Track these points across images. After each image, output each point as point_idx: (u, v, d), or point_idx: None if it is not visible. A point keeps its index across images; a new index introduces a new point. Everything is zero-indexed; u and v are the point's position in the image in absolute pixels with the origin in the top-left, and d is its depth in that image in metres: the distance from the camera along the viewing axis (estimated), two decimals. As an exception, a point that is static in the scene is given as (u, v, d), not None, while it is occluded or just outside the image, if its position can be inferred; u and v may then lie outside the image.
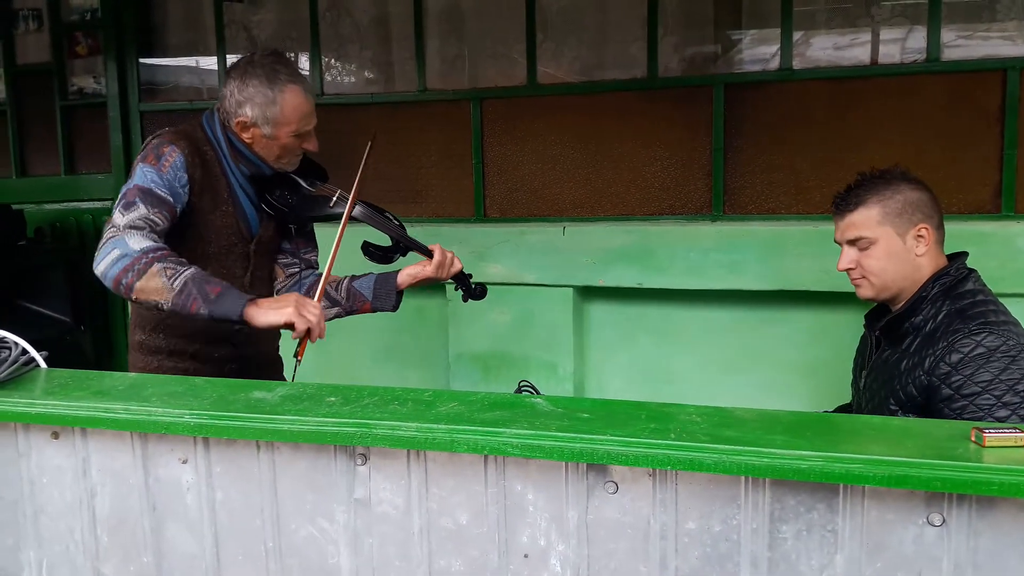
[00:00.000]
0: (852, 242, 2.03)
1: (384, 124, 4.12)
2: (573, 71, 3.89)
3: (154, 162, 2.09)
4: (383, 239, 2.38)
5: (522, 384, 2.25)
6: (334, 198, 2.33)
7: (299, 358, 2.13)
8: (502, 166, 3.98)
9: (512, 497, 1.30)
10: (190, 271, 1.96)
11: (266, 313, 1.96)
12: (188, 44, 4.59)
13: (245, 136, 2.19)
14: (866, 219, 1.99)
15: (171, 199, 2.08)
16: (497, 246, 3.76)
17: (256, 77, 2.14)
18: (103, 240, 2.01)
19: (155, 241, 1.99)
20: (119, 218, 2.03)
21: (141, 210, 2.02)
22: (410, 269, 2.35)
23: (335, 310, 2.39)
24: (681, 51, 3.74)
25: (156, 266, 1.94)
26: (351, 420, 1.31)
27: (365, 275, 2.41)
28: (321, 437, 1.32)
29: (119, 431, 1.46)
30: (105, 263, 1.98)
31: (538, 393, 1.96)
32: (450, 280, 2.41)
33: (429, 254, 2.34)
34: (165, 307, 1.95)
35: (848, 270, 2.07)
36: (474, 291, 2.46)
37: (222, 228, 2.23)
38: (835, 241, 2.09)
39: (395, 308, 2.38)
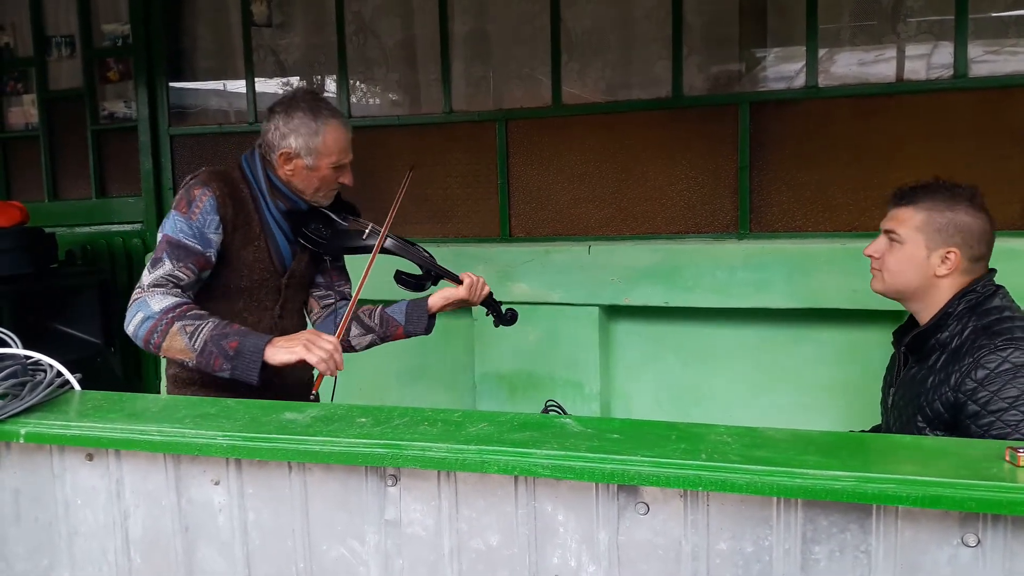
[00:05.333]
0: (887, 232, 2.03)
1: (410, 146, 4.16)
2: (598, 91, 3.91)
3: (185, 209, 2.16)
4: (415, 268, 2.44)
5: (549, 404, 2.25)
6: (366, 231, 2.40)
7: (314, 391, 2.24)
8: (528, 186, 4.00)
9: (542, 518, 1.29)
10: (208, 327, 2.04)
11: (278, 352, 2.04)
12: (217, 68, 4.66)
13: (287, 168, 2.27)
14: (908, 219, 1.99)
15: (200, 247, 2.15)
16: (523, 265, 3.77)
17: (300, 110, 2.24)
18: (131, 300, 2.11)
19: (177, 297, 2.09)
20: (146, 276, 2.12)
21: (166, 267, 2.11)
22: (442, 292, 2.43)
23: (369, 337, 2.47)
24: (706, 70, 3.74)
25: (176, 325, 2.03)
26: (382, 441, 1.32)
27: (397, 302, 2.48)
28: (352, 458, 1.33)
29: (152, 453, 1.47)
30: (133, 325, 2.08)
31: (565, 413, 1.95)
32: (481, 306, 2.49)
33: (459, 280, 2.42)
34: (191, 365, 2.07)
35: (871, 257, 2.08)
36: (504, 316, 2.54)
37: (255, 263, 2.29)
38: (877, 228, 2.09)
39: (428, 331, 2.46)
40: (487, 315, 2.54)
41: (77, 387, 1.70)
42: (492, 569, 1.33)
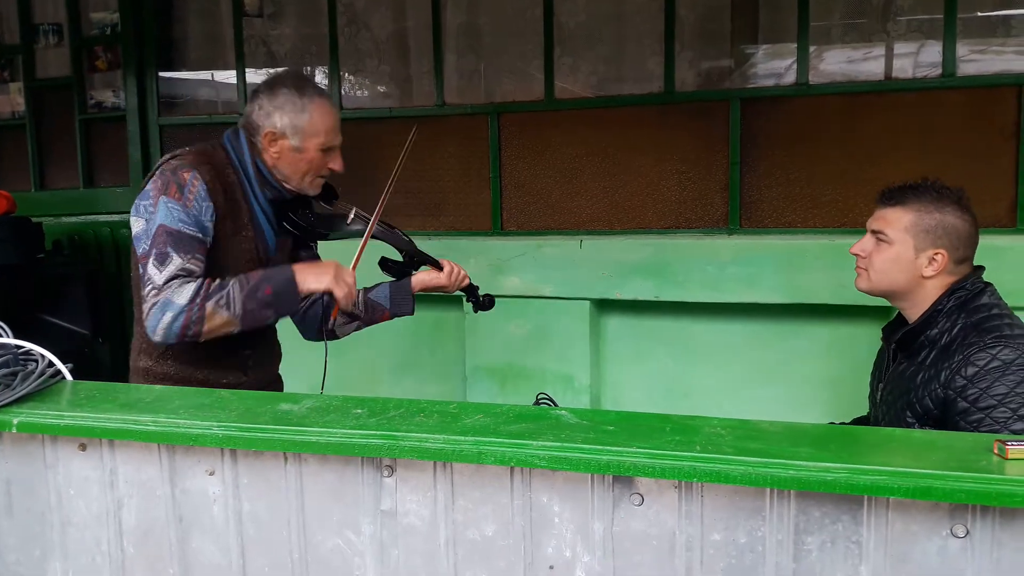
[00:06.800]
0: (875, 232, 2.04)
1: (402, 138, 4.13)
2: (590, 86, 3.92)
3: (177, 195, 2.02)
4: (396, 254, 2.45)
5: (540, 397, 2.26)
6: (350, 216, 2.35)
7: (333, 319, 2.31)
8: (519, 180, 4.00)
9: (538, 509, 1.30)
10: (236, 289, 2.00)
11: (307, 281, 2.06)
12: (207, 58, 4.64)
13: (272, 151, 2.15)
14: (896, 220, 2.00)
15: (201, 235, 2.04)
16: (514, 259, 3.78)
17: (286, 87, 2.14)
18: (148, 304, 1.98)
19: (194, 283, 1.98)
20: (155, 274, 1.98)
21: (176, 261, 1.98)
22: (422, 276, 2.43)
23: (355, 324, 2.43)
24: (697, 66, 3.76)
25: (209, 305, 1.96)
26: (378, 432, 1.32)
27: (377, 285, 2.45)
28: (348, 449, 1.33)
29: (147, 443, 1.47)
30: (162, 328, 1.96)
31: (556, 406, 1.96)
32: (460, 291, 2.50)
33: (439, 266, 2.43)
34: (236, 331, 2.03)
35: (856, 255, 2.09)
36: (483, 302, 2.54)
37: (241, 253, 2.17)
38: (865, 225, 2.10)
39: (413, 312, 2.46)
40: (466, 300, 2.56)
41: (69, 377, 1.69)
42: (487, 559, 1.34)
